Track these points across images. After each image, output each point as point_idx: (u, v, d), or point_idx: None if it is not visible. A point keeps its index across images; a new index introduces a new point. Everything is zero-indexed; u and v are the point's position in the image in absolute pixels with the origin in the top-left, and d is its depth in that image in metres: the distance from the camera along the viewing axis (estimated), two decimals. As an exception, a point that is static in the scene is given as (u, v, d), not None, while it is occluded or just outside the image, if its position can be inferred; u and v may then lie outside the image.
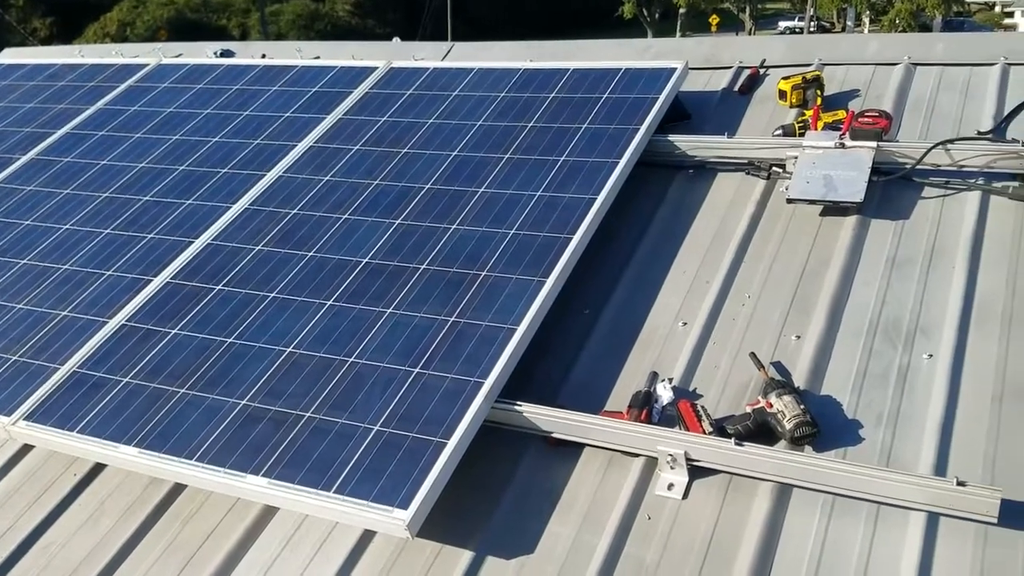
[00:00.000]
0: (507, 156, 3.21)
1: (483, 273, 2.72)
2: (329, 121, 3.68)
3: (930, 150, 2.80)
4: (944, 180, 2.84)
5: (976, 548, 1.93)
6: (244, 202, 3.31)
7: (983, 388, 2.24)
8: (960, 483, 1.93)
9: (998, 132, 2.96)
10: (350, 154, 3.44)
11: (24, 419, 2.62)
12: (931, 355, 2.35)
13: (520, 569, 2.14)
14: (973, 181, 2.81)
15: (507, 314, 2.55)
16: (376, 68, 3.98)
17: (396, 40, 4.57)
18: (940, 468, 2.09)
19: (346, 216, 3.11)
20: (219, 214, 3.28)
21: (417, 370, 2.45)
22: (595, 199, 2.89)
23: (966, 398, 2.23)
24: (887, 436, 2.20)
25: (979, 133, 2.97)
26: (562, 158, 3.12)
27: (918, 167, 2.83)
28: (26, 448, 2.76)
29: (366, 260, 2.89)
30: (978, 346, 2.34)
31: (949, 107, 3.16)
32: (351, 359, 2.53)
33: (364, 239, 2.98)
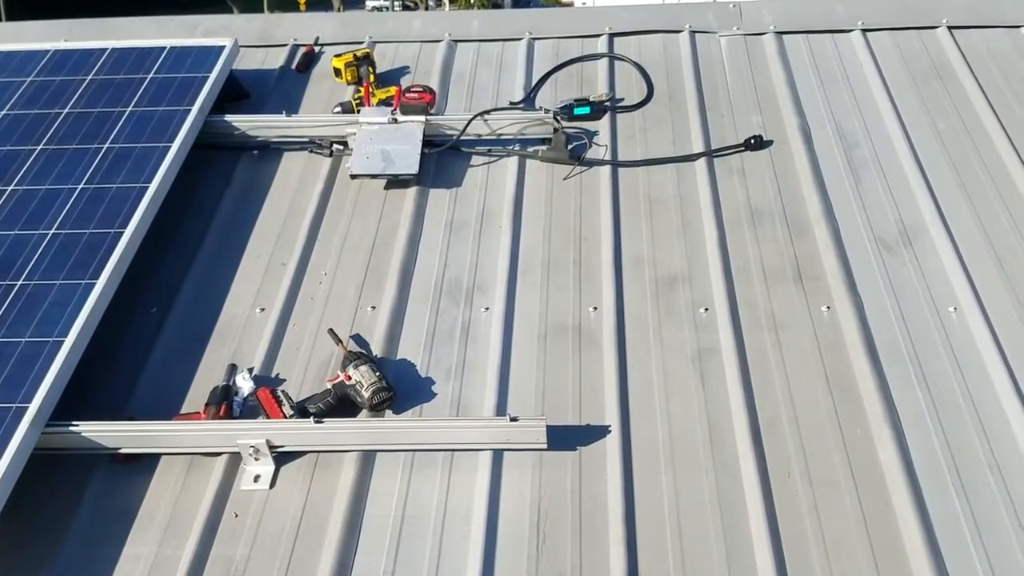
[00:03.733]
0: (40, 147, 2.84)
1: (19, 283, 2.39)
2: None
3: (471, 121, 3.04)
4: (487, 148, 3.11)
5: (534, 473, 2.17)
6: None
7: (531, 331, 2.51)
8: (513, 419, 2.14)
9: (528, 102, 3.32)
10: None
11: None
12: (488, 308, 2.57)
13: (93, 603, 1.95)
14: (511, 147, 3.11)
15: (52, 325, 2.28)
16: None
17: None
18: (501, 408, 2.30)
19: None
20: None
21: (-61, 406, 2.08)
22: (148, 187, 2.69)
23: (518, 342, 2.48)
24: (456, 387, 2.38)
25: (511, 103, 3.29)
26: (106, 145, 2.84)
27: (463, 137, 3.06)
28: None
29: None
30: (525, 294, 2.62)
31: (487, 80, 3.46)
32: None
33: None
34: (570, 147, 3.05)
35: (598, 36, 3.61)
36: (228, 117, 3.09)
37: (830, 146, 3.06)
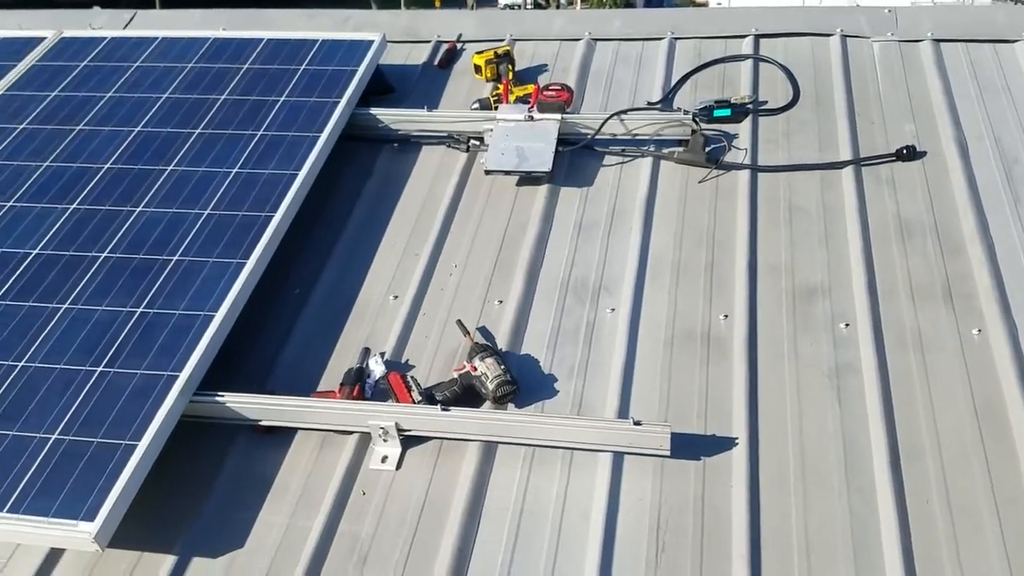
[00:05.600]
0: (198, 131, 3.02)
1: (175, 258, 2.55)
2: (-13, 96, 3.24)
3: (606, 120, 3.03)
4: (621, 148, 3.09)
5: (655, 479, 2.14)
6: None
7: (657, 335, 2.48)
8: (636, 423, 2.12)
9: (665, 102, 3.27)
10: (14, 134, 3.06)
11: None
12: (613, 309, 2.56)
13: (229, 565, 2.05)
14: (646, 148, 3.08)
15: (204, 300, 2.42)
16: (44, 38, 3.56)
17: (96, 8, 4.13)
18: (623, 411, 2.28)
19: (11, 203, 2.76)
20: None
21: (101, 369, 2.24)
22: (297, 174, 2.81)
23: (643, 345, 2.46)
24: (578, 386, 2.38)
25: (649, 104, 3.26)
26: (260, 132, 2.99)
27: (597, 136, 3.05)
28: None
29: (36, 252, 2.59)
30: (652, 297, 2.59)
31: (625, 79, 3.43)
32: (21, 363, 2.26)
33: (33, 228, 2.67)
34: (708, 149, 2.99)
35: (743, 37, 3.52)
36: (373, 110, 3.20)
37: (988, 160, 2.88)
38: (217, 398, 2.26)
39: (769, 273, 2.60)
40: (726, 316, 2.49)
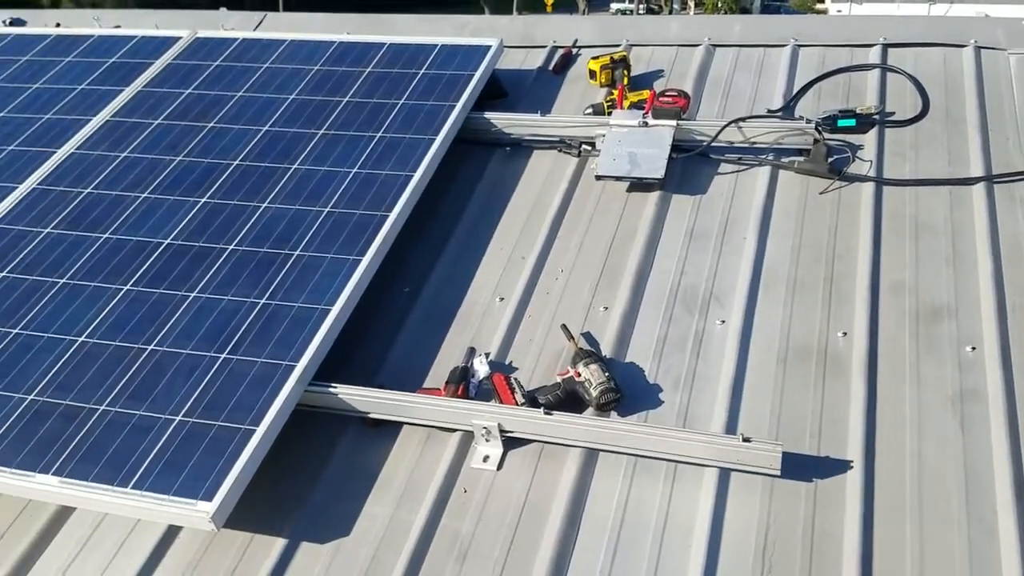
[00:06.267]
0: (322, 131, 3.13)
1: (296, 253, 2.65)
2: (128, 94, 3.45)
3: (723, 128, 2.97)
4: (738, 156, 3.03)
5: (763, 499, 2.09)
6: (31, 182, 3.05)
7: (769, 350, 2.41)
8: (746, 439, 2.07)
9: (787, 110, 3.19)
10: (151, 128, 3.25)
11: None
12: (724, 321, 2.51)
13: (335, 553, 2.11)
14: (764, 157, 3.01)
15: (321, 294, 2.50)
16: (180, 38, 3.77)
17: (223, 10, 4.35)
18: (731, 426, 2.23)
19: (146, 195, 2.93)
20: (2, 196, 3.01)
21: (224, 356, 2.35)
22: (412, 176, 2.88)
23: (754, 360, 2.39)
24: (684, 398, 2.34)
25: (769, 111, 3.18)
26: (379, 134, 3.07)
27: (714, 144, 3.00)
28: None
29: (168, 241, 2.74)
30: (765, 311, 2.52)
31: (744, 86, 3.36)
32: (151, 347, 2.39)
33: (166, 219, 2.82)
34: (830, 160, 2.90)
35: (870, 46, 3.39)
36: (487, 114, 3.24)
37: None
38: (330, 389, 2.33)
39: (892, 291, 2.50)
40: (845, 333, 2.40)
